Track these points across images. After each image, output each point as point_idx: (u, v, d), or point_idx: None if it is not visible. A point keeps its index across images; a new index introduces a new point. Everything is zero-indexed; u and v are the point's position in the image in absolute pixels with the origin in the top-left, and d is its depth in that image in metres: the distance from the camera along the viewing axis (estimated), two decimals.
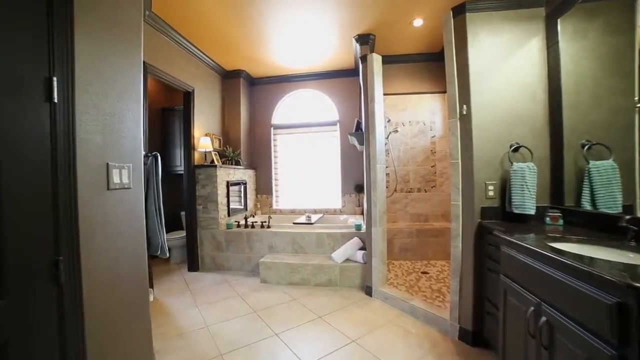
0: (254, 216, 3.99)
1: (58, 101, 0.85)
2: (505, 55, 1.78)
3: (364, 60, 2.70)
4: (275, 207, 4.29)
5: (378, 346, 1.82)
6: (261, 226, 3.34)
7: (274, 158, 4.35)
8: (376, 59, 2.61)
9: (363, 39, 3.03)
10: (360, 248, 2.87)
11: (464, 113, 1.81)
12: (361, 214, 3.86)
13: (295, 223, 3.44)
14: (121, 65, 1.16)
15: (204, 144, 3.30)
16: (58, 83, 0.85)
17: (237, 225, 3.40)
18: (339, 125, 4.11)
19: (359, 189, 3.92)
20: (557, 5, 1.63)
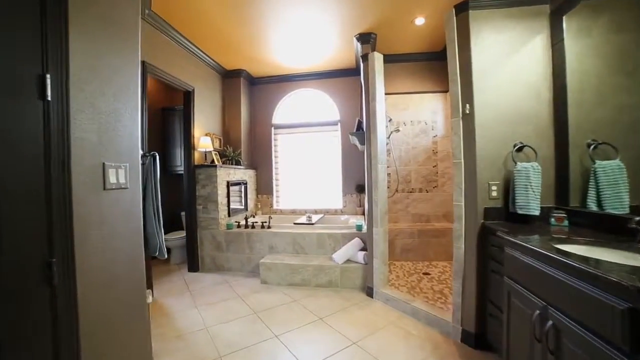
0: (254, 216, 3.97)
1: (52, 99, 0.83)
2: (508, 53, 1.75)
3: (365, 59, 2.67)
4: (275, 207, 4.27)
5: (379, 348, 1.80)
6: (261, 226, 3.32)
7: (275, 158, 4.33)
8: (377, 57, 2.58)
9: (364, 38, 3.00)
10: (362, 249, 2.85)
11: (467, 112, 1.78)
12: (362, 214, 3.84)
13: (295, 223, 3.41)
14: (118, 64, 1.14)
15: (204, 143, 3.28)
16: (52, 81, 0.83)
17: (237, 225, 3.38)
18: (340, 124, 4.08)
19: (360, 189, 3.89)
20: (562, 3, 1.60)
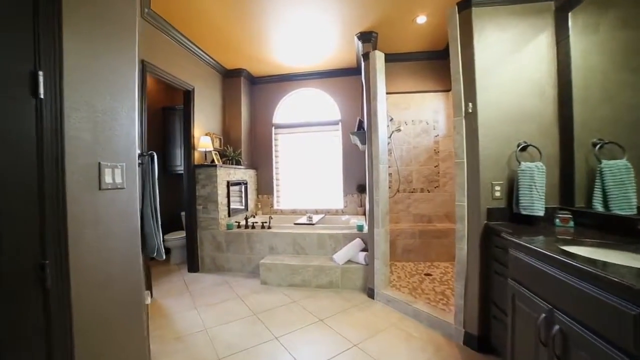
0: (255, 216, 3.95)
1: (44, 97, 0.81)
2: (512, 50, 1.72)
3: (366, 57, 2.65)
4: (276, 208, 4.25)
5: (380, 351, 1.77)
6: (262, 227, 3.30)
7: (275, 158, 4.31)
8: (379, 56, 2.56)
9: (365, 37, 2.98)
10: (362, 249, 2.82)
11: (470, 111, 1.76)
12: (363, 214, 3.81)
13: (296, 224, 3.39)
14: (115, 62, 1.12)
15: (204, 143, 3.27)
16: (44, 78, 0.81)
17: (238, 225, 3.36)
18: (340, 124, 4.06)
19: (361, 189, 3.87)
20: None
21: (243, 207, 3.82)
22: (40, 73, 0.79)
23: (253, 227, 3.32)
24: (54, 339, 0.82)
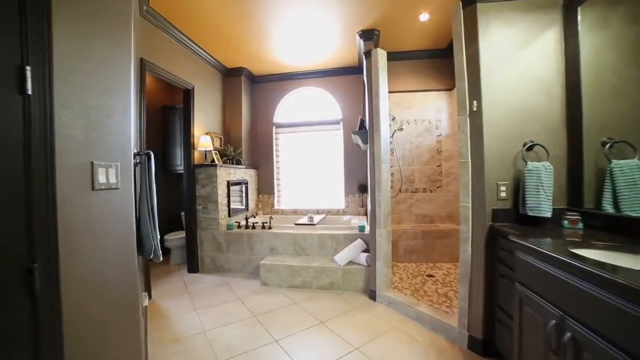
0: (255, 216, 3.92)
1: (33, 93, 0.77)
2: (518, 47, 1.68)
3: (368, 55, 2.61)
4: (277, 208, 4.22)
5: (382, 354, 1.74)
6: (262, 227, 3.27)
7: (276, 157, 4.27)
8: (381, 53, 2.52)
9: (367, 35, 2.94)
10: (364, 250, 2.78)
11: (474, 109, 1.71)
12: (365, 214, 3.77)
13: (297, 224, 3.36)
14: (109, 56, 1.08)
15: (204, 142, 3.23)
16: (32, 73, 0.77)
17: (238, 226, 3.33)
18: (342, 123, 4.02)
19: (363, 189, 3.83)
20: None
21: (243, 207, 3.79)
22: (28, 68, 0.76)
23: (253, 228, 3.29)
24: (42, 347, 0.78)
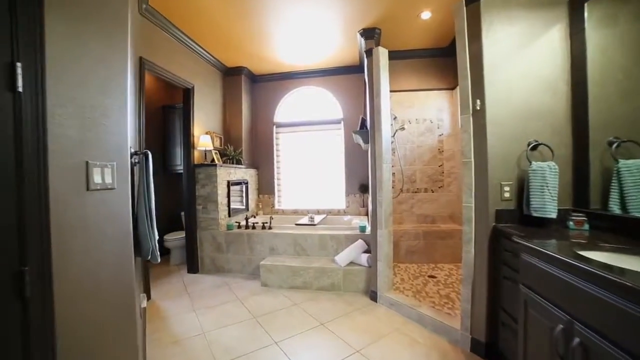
0: (255, 217, 3.90)
1: (24, 91, 0.75)
2: (522, 45, 1.64)
3: (369, 54, 2.58)
4: (277, 208, 4.19)
5: (383, 357, 1.71)
6: (262, 227, 3.25)
7: (277, 157, 4.25)
8: (382, 52, 2.49)
9: (368, 34, 2.91)
10: (365, 251, 2.76)
11: (478, 108, 1.68)
12: (366, 214, 3.74)
13: (297, 224, 3.33)
14: (105, 55, 1.06)
15: (204, 142, 3.21)
16: (24, 70, 0.75)
17: (238, 226, 3.31)
18: (343, 123, 3.99)
19: (364, 189, 3.80)
20: None
21: (244, 207, 3.77)
22: (19, 64, 0.74)
23: (253, 228, 3.26)
24: (33, 347, 0.76)
